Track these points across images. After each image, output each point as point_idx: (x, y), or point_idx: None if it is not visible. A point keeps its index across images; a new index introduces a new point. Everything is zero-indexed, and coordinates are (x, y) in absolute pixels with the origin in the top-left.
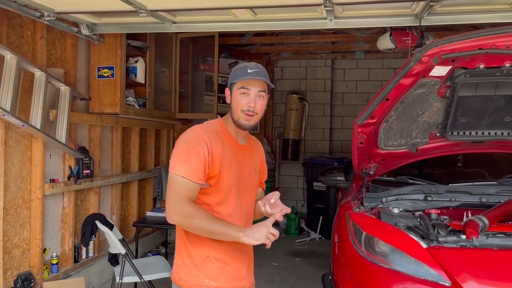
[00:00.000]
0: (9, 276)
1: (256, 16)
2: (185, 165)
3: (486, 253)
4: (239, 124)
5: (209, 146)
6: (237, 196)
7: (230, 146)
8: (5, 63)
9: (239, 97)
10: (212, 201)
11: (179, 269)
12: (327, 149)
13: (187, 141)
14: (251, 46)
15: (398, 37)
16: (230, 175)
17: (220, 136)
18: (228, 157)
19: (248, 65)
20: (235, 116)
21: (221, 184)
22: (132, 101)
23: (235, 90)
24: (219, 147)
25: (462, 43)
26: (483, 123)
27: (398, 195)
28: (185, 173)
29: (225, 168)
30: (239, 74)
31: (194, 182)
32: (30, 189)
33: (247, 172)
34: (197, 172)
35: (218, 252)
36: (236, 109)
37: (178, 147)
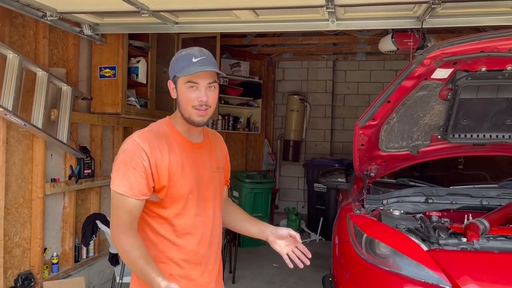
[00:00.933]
0: (9, 275)
1: (258, 17)
2: (123, 179)
3: (486, 256)
4: (192, 121)
5: (149, 156)
6: (198, 203)
7: (181, 148)
8: (7, 62)
9: (187, 92)
10: (168, 214)
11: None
12: (328, 150)
13: (124, 152)
14: (252, 47)
15: (400, 39)
16: (185, 181)
17: (167, 139)
18: (179, 162)
19: (191, 52)
20: (186, 113)
21: (174, 194)
22: (134, 101)
23: (181, 84)
24: (165, 154)
25: (464, 46)
26: (485, 125)
27: (399, 197)
28: (123, 189)
29: (177, 175)
30: (183, 65)
31: (134, 198)
32: (31, 189)
33: (207, 172)
34: (137, 186)
35: (183, 268)
36: (186, 106)
37: (116, 159)
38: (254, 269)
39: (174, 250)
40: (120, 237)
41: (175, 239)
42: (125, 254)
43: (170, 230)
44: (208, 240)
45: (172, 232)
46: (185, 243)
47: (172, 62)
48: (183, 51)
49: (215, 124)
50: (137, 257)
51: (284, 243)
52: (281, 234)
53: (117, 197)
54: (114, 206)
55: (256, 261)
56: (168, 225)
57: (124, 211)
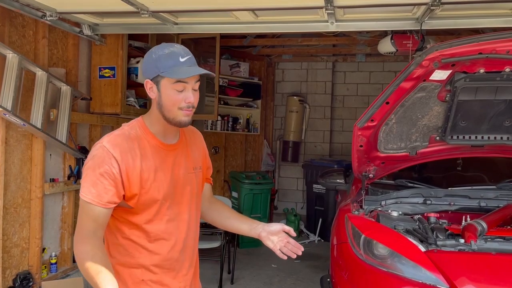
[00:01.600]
0: (8, 275)
1: (257, 18)
2: (91, 187)
3: (484, 257)
4: (178, 122)
5: (120, 163)
6: (171, 207)
7: (154, 151)
8: (7, 62)
9: (174, 94)
10: (139, 220)
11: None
12: (327, 151)
13: (93, 158)
14: (252, 47)
15: (399, 41)
16: (158, 187)
17: (139, 143)
18: (152, 167)
19: (176, 51)
20: (170, 114)
21: (147, 201)
22: (133, 101)
23: (167, 85)
24: (137, 160)
25: (462, 48)
26: (483, 127)
27: (397, 198)
28: (91, 197)
29: (149, 182)
30: (170, 64)
31: (101, 207)
32: (30, 188)
33: (182, 174)
34: (105, 195)
35: (155, 273)
36: (171, 107)
37: (84, 165)
38: (252, 270)
39: (145, 256)
40: (77, 244)
41: (147, 244)
42: (78, 262)
43: (142, 235)
44: (182, 245)
45: (144, 237)
46: (157, 248)
47: (152, 59)
48: (164, 48)
49: (215, 125)
50: (89, 265)
51: (277, 239)
52: (274, 229)
53: (84, 204)
54: (79, 213)
55: (254, 262)
56: (139, 231)
57: (89, 218)
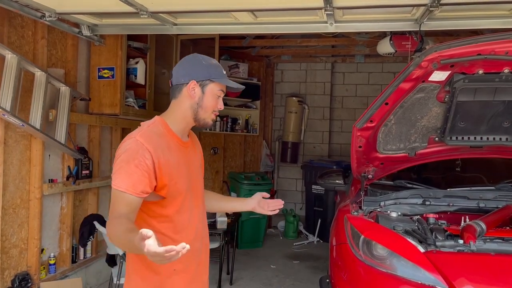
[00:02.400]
0: (6, 276)
1: (256, 19)
2: (126, 178)
3: (483, 258)
4: (205, 123)
5: (153, 155)
6: (191, 199)
7: (176, 147)
8: (6, 63)
9: (215, 99)
10: (169, 212)
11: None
12: (326, 152)
13: (127, 151)
14: (251, 48)
15: (398, 42)
16: (181, 179)
17: (165, 139)
18: (176, 161)
19: (218, 64)
20: (204, 115)
21: (174, 192)
22: (132, 102)
23: (213, 90)
24: (166, 154)
25: (461, 49)
26: (482, 128)
27: (396, 199)
28: (125, 187)
29: (175, 174)
30: (218, 74)
31: (136, 196)
32: (29, 189)
33: (195, 169)
34: (139, 185)
35: (184, 263)
36: (208, 109)
37: (117, 158)
38: (251, 271)
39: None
40: (112, 223)
41: (174, 235)
42: (111, 234)
43: (170, 227)
44: (201, 234)
45: (171, 228)
46: (183, 238)
47: (202, 65)
48: (211, 59)
49: (214, 126)
50: (122, 231)
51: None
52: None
53: (118, 194)
54: (112, 202)
55: (253, 263)
56: (168, 222)
57: (123, 204)
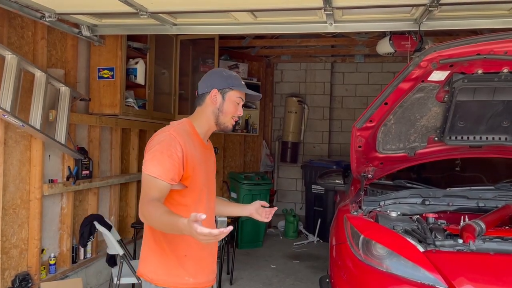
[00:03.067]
0: (7, 276)
1: (256, 19)
2: (158, 165)
3: (482, 257)
4: (225, 127)
5: (183, 148)
6: (207, 194)
7: (199, 146)
8: (6, 63)
9: (235, 105)
10: (188, 201)
11: (156, 269)
12: (326, 152)
13: (161, 143)
14: (251, 48)
15: (397, 42)
16: (201, 174)
17: (191, 137)
18: (198, 158)
19: (237, 76)
20: (224, 119)
21: (194, 184)
22: (132, 102)
23: (233, 97)
24: (192, 149)
25: (460, 49)
26: (481, 128)
27: (396, 199)
28: (158, 173)
29: (197, 168)
30: (237, 83)
31: (166, 182)
32: (29, 189)
33: (211, 170)
34: (170, 172)
35: (195, 249)
36: (228, 114)
37: (151, 148)
38: (251, 271)
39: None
40: (145, 205)
41: None
42: (150, 216)
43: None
44: (212, 225)
45: None
46: None
47: (222, 76)
48: (231, 72)
49: None
50: (161, 213)
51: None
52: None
53: (151, 179)
54: (145, 187)
55: (253, 263)
56: (187, 212)
57: (155, 189)
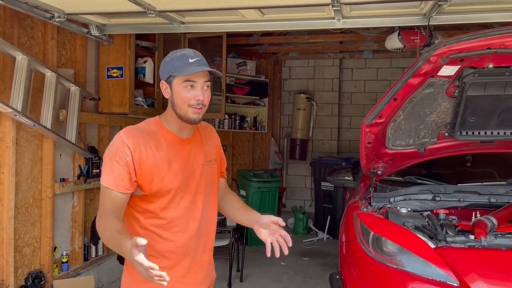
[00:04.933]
0: (20, 274)
1: (263, 16)
2: (109, 173)
3: (494, 253)
4: (188, 119)
5: (132, 152)
6: (185, 196)
7: (169, 145)
8: (16, 63)
9: (184, 91)
10: (155, 207)
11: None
12: (335, 148)
13: (110, 148)
14: (259, 46)
15: (406, 37)
16: (172, 177)
17: (154, 136)
18: (166, 158)
19: (186, 53)
20: (181, 111)
21: (161, 189)
22: (141, 101)
23: (177, 84)
24: (150, 150)
25: (470, 43)
26: (492, 123)
27: (406, 195)
28: (108, 182)
29: (163, 171)
30: (179, 65)
31: (118, 191)
32: (41, 188)
33: (197, 166)
34: (120, 181)
35: (170, 259)
36: (182, 105)
37: (104, 154)
38: (261, 268)
39: (161, 243)
40: (100, 220)
41: (162, 232)
42: (104, 233)
43: (157, 223)
44: (195, 232)
45: (159, 225)
46: (171, 235)
47: (166, 62)
48: (177, 52)
49: (222, 123)
50: (111, 232)
51: (268, 232)
52: (263, 221)
53: (103, 189)
54: (101, 198)
55: (263, 260)
56: (155, 219)
57: (108, 201)
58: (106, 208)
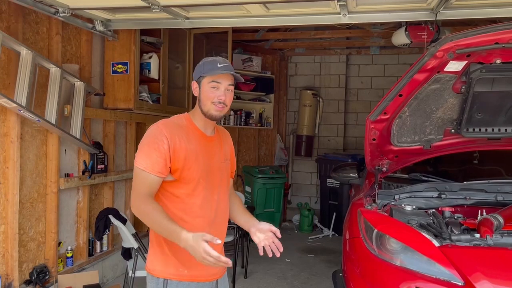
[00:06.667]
0: (24, 269)
1: (268, 11)
2: (146, 158)
3: (500, 252)
4: (210, 115)
5: (169, 140)
6: (206, 187)
7: (196, 139)
8: (21, 59)
9: (209, 90)
10: (181, 193)
11: (153, 260)
12: (341, 145)
13: (148, 136)
14: (265, 42)
15: (413, 32)
16: (197, 167)
17: (185, 130)
18: (194, 150)
19: (217, 59)
20: (205, 108)
21: (187, 176)
22: (146, 96)
23: (205, 84)
24: (183, 141)
25: (477, 38)
26: (500, 119)
27: (411, 193)
28: (145, 166)
29: (191, 161)
30: (209, 68)
31: (154, 175)
32: (46, 183)
33: (216, 162)
34: (157, 165)
35: None
36: (206, 101)
37: (141, 142)
38: (266, 264)
39: (183, 225)
40: (141, 204)
41: (184, 216)
42: (148, 217)
43: (181, 208)
44: (212, 220)
45: (182, 210)
46: (191, 219)
47: (199, 66)
48: (209, 58)
49: (228, 120)
50: (161, 217)
51: (263, 237)
52: (262, 228)
53: (139, 172)
54: (135, 180)
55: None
56: (180, 203)
57: (145, 184)
58: (143, 191)
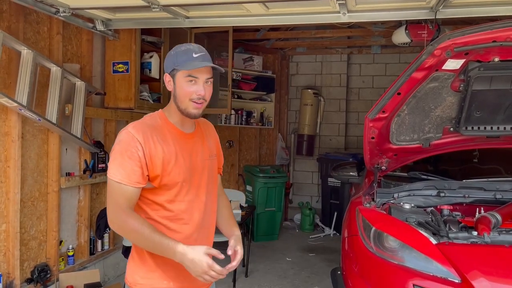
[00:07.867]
0: (26, 267)
1: (268, 10)
2: (120, 169)
3: (497, 249)
4: (188, 113)
5: (143, 146)
6: (190, 190)
7: (174, 138)
8: (22, 58)
9: (186, 86)
10: (163, 200)
11: (134, 272)
12: (343, 144)
13: (120, 143)
14: (266, 41)
15: (413, 31)
16: (178, 170)
17: (160, 130)
18: (173, 152)
19: (191, 48)
20: (182, 105)
21: (169, 182)
22: (147, 96)
23: (180, 78)
24: (159, 145)
25: (475, 36)
26: (498, 117)
27: (410, 191)
28: (120, 178)
29: (170, 165)
30: (183, 59)
31: (132, 186)
32: (47, 182)
33: (200, 161)
34: (133, 175)
35: None
36: (183, 98)
37: (112, 149)
38: (267, 263)
39: (169, 235)
40: (126, 219)
41: (169, 223)
42: (135, 233)
43: (165, 215)
44: (200, 224)
45: (167, 217)
46: (177, 227)
47: (171, 56)
48: (182, 46)
49: (228, 119)
50: (151, 233)
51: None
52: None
53: (114, 185)
54: (111, 193)
55: (269, 255)
56: (162, 210)
57: (122, 197)
58: (123, 205)
